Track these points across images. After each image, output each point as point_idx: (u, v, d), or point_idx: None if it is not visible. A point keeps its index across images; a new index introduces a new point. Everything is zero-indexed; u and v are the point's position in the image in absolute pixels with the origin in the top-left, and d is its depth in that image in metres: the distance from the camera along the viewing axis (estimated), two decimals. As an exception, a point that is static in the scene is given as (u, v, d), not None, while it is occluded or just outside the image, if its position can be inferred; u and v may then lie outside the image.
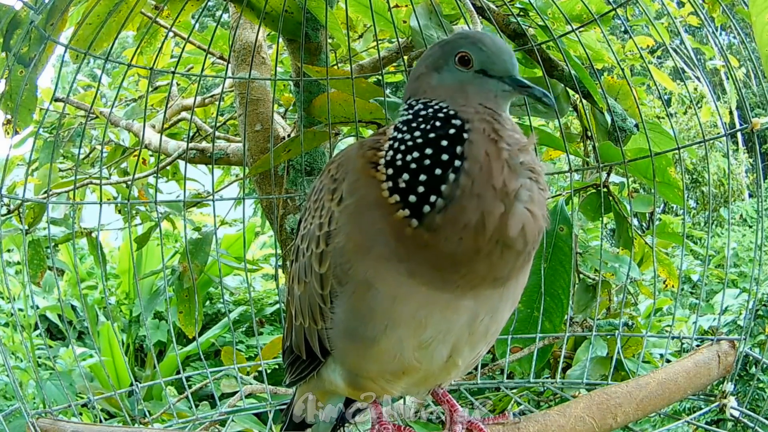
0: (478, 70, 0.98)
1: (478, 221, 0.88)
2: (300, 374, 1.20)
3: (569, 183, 1.89)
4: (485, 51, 0.98)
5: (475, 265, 0.91)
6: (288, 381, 1.26)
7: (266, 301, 6.55)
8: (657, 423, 2.30)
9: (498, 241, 0.89)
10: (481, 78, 0.98)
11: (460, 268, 0.91)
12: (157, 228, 2.75)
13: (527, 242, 0.92)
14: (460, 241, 0.89)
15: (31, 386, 4.57)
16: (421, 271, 0.93)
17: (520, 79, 0.98)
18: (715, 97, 2.08)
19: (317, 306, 1.06)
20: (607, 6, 1.97)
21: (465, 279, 0.93)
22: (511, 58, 0.99)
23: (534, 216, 0.91)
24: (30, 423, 1.24)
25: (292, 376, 1.23)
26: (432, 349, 1.00)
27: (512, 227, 0.89)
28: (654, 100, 6.94)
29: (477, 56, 0.98)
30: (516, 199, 0.90)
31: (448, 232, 0.89)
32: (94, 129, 3.79)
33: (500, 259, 0.91)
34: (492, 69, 0.98)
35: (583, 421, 1.20)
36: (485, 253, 0.90)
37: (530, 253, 0.96)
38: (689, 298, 6.89)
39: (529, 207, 0.91)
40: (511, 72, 0.98)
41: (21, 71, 1.42)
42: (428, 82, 1.01)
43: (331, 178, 1.04)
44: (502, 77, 0.97)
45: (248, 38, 2.53)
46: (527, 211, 0.91)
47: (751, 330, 2.66)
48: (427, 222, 0.89)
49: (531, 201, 0.91)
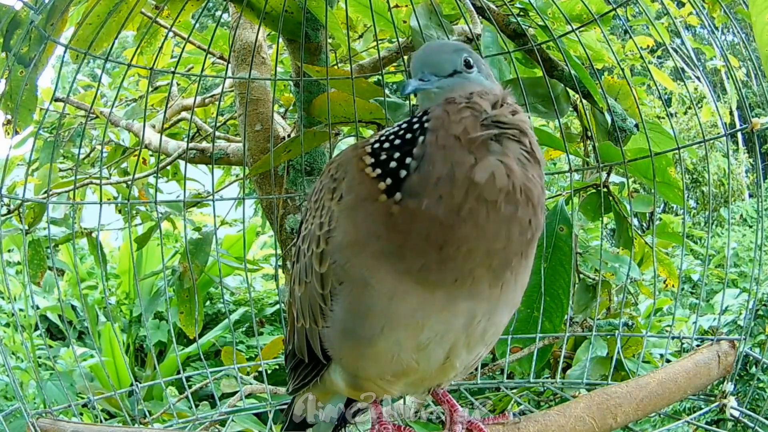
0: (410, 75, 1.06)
1: (450, 172, 0.90)
2: (303, 380, 1.20)
3: (569, 183, 1.89)
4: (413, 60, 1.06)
5: (462, 229, 0.90)
6: (291, 389, 1.26)
7: (266, 301, 6.56)
8: (657, 423, 2.30)
9: (478, 199, 0.89)
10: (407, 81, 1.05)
11: (451, 239, 0.90)
12: (158, 228, 2.75)
13: (514, 202, 0.91)
14: (440, 200, 0.89)
15: (32, 386, 4.57)
16: (416, 261, 0.92)
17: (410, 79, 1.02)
18: (715, 97, 2.09)
19: (318, 306, 1.06)
20: (607, 6, 1.97)
21: (460, 258, 0.91)
22: (417, 61, 1.04)
23: (509, 168, 0.91)
24: (30, 423, 1.24)
25: (296, 382, 1.22)
26: (429, 351, 1.01)
27: (478, 174, 0.89)
28: (654, 100, 6.94)
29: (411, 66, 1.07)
30: (488, 150, 0.91)
31: (425, 190, 0.90)
32: (94, 129, 3.79)
33: (488, 222, 0.90)
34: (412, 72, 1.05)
35: (583, 421, 1.20)
36: (467, 211, 0.89)
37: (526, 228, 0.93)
38: (689, 298, 6.89)
39: (502, 159, 0.91)
40: (415, 74, 1.03)
41: (21, 71, 1.42)
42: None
43: (331, 178, 1.05)
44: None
45: (248, 38, 2.53)
46: (499, 162, 0.91)
47: (751, 330, 2.66)
48: (407, 187, 0.91)
49: (505, 155, 0.92)
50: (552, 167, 4.29)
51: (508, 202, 0.91)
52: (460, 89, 0.98)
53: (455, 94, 0.97)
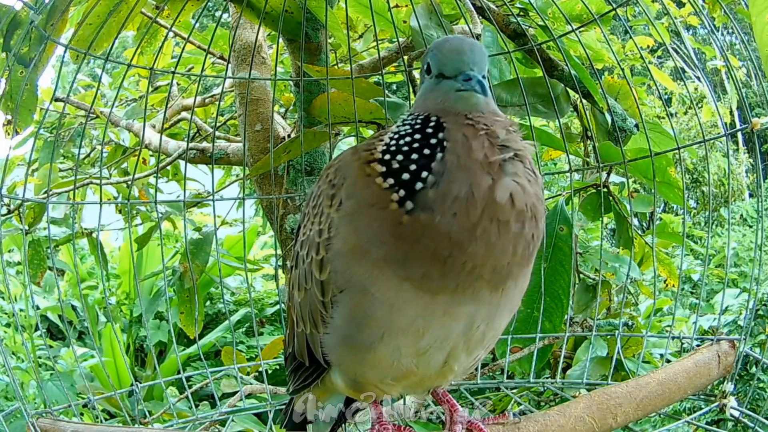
0: (438, 74, 1.01)
1: (468, 192, 0.90)
2: (304, 382, 1.20)
3: (569, 183, 1.89)
4: (439, 55, 1.01)
5: (472, 246, 0.91)
6: (291, 389, 1.26)
7: (267, 301, 6.55)
8: (657, 423, 2.31)
9: (492, 218, 0.91)
10: (440, 81, 1.01)
11: (458, 255, 0.91)
12: (158, 228, 2.75)
13: (522, 219, 0.93)
14: (455, 217, 0.90)
15: (32, 386, 4.57)
16: (419, 270, 0.93)
17: (468, 73, 0.98)
18: (715, 97, 2.08)
19: (318, 312, 1.06)
20: (607, 6, 1.97)
21: (464, 272, 0.92)
22: (462, 56, 0.99)
23: (523, 188, 0.93)
24: (30, 423, 1.24)
25: (296, 384, 1.22)
26: (429, 356, 1.01)
27: (499, 195, 0.91)
28: (654, 100, 6.94)
29: (434, 62, 1.02)
30: (502, 171, 0.93)
31: (441, 207, 0.91)
32: (94, 129, 3.78)
33: (498, 240, 0.91)
34: (446, 70, 1.00)
35: (583, 421, 1.20)
36: (481, 230, 0.90)
37: (529, 242, 0.95)
38: (689, 298, 6.89)
39: (516, 180, 0.93)
40: (462, 69, 0.98)
41: (21, 71, 1.42)
42: (416, 98, 1.09)
43: (330, 183, 1.04)
44: (456, 76, 0.98)
45: (248, 38, 2.53)
46: (515, 183, 0.93)
47: (751, 330, 2.66)
48: (421, 200, 0.91)
49: (517, 175, 0.94)
50: (552, 167, 4.30)
51: (518, 221, 0.93)
52: (485, 104, 0.99)
53: (479, 110, 0.97)
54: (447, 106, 0.98)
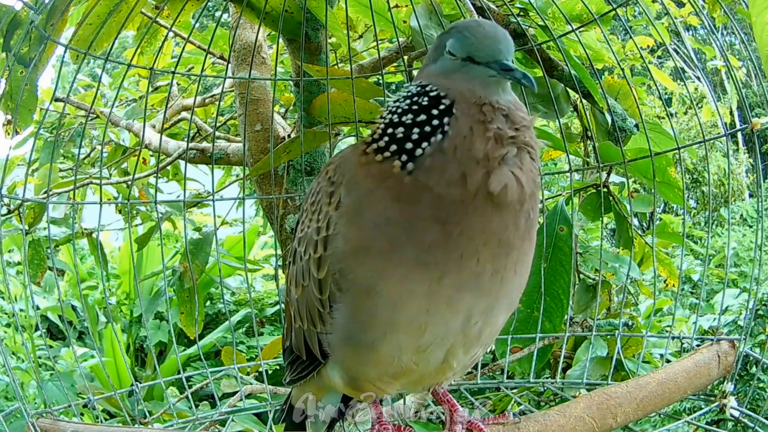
0: (465, 57, 0.99)
1: (460, 177, 0.91)
2: (300, 373, 1.20)
3: (569, 183, 1.89)
4: (470, 38, 0.99)
5: (468, 218, 0.92)
6: (288, 379, 1.26)
7: (267, 301, 6.55)
8: (657, 423, 2.30)
9: (486, 197, 0.91)
10: (468, 65, 0.99)
11: (457, 217, 0.92)
12: (158, 228, 2.75)
13: (519, 199, 0.93)
14: (449, 186, 0.91)
15: (32, 387, 4.56)
16: (424, 236, 0.93)
17: (506, 63, 0.97)
18: (715, 97, 2.08)
19: (316, 310, 1.06)
20: (607, 6, 1.97)
21: (464, 238, 0.92)
22: (499, 44, 0.98)
23: (519, 180, 0.93)
24: (30, 423, 1.24)
25: (293, 374, 1.23)
26: (429, 353, 1.01)
27: (494, 184, 0.91)
28: (654, 100, 6.93)
29: (461, 44, 0.99)
30: (503, 163, 0.93)
31: (437, 175, 0.92)
32: (94, 129, 3.78)
33: (495, 214, 0.92)
34: (478, 56, 0.98)
35: (583, 421, 1.20)
36: (474, 207, 0.91)
37: (529, 217, 0.96)
38: (689, 298, 6.89)
39: (514, 171, 0.93)
40: (497, 57, 0.97)
41: (21, 71, 1.42)
42: (426, 71, 1.05)
43: (329, 181, 1.04)
44: (489, 63, 0.97)
45: (248, 38, 2.53)
46: (512, 174, 0.93)
47: (751, 330, 2.66)
48: (420, 163, 0.93)
49: (518, 167, 0.93)
50: (552, 167, 4.30)
51: (519, 201, 0.94)
52: (511, 95, 0.99)
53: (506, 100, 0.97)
54: (470, 90, 0.96)
